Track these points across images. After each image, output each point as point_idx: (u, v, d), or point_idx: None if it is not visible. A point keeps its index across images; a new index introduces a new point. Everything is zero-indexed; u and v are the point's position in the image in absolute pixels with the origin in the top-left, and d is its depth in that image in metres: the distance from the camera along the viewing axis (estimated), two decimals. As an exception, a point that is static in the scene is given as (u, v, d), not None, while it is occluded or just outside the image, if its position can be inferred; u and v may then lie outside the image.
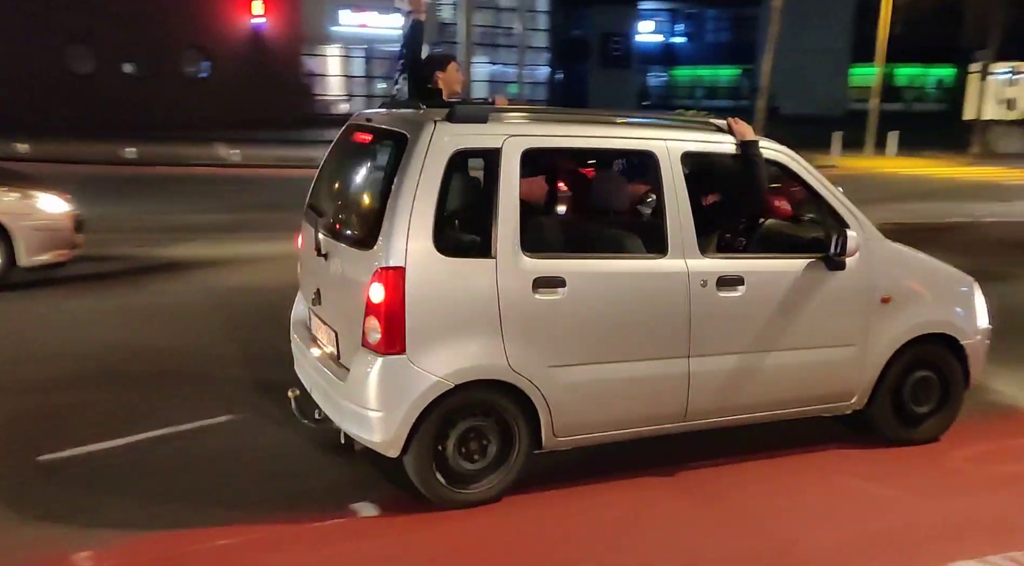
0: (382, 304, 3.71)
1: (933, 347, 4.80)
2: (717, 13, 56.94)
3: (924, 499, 4.28)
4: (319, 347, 4.40)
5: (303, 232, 4.71)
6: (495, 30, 38.12)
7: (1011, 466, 4.73)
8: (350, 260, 4.04)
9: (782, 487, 4.36)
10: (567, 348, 4.00)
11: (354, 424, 3.92)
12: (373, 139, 4.43)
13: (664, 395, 4.26)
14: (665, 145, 4.22)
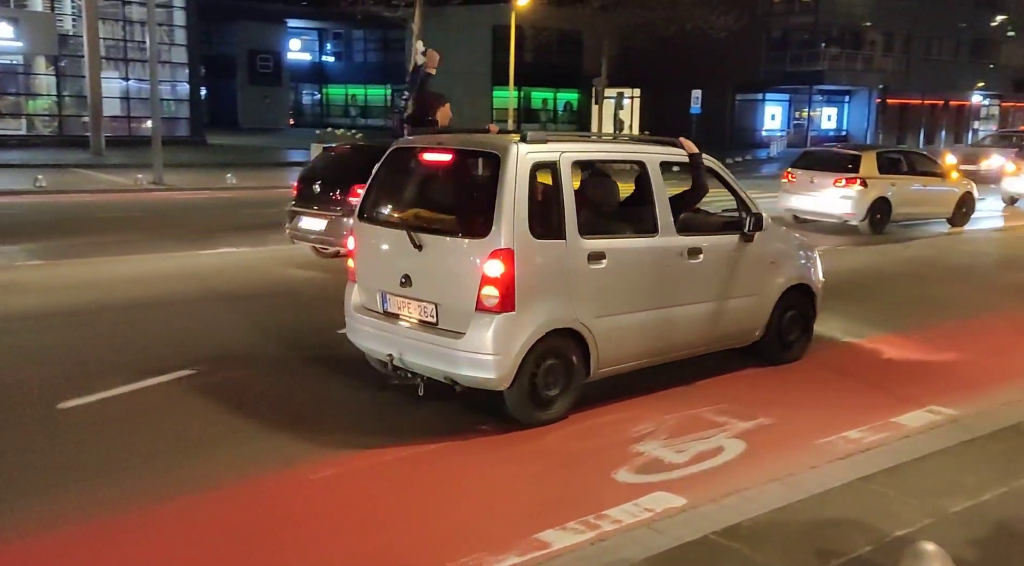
0: (499, 276, 5.18)
1: (797, 294, 7.00)
2: (365, 34, 57.90)
3: (516, 481, 4.76)
4: (405, 320, 5.68)
5: (363, 236, 6.04)
6: (126, 44, 35.48)
7: (591, 442, 5.38)
8: (456, 248, 5.48)
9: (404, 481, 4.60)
10: (606, 303, 5.68)
11: (471, 368, 5.28)
12: (456, 158, 5.84)
13: (662, 334, 6.09)
14: (650, 157, 6.13)
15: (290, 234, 11.06)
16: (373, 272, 6.02)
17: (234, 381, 6.30)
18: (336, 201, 10.39)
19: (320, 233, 10.58)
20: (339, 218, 10.13)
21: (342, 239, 9.75)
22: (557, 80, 52.68)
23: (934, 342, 8.06)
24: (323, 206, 10.54)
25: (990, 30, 53.35)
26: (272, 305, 8.80)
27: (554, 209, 5.44)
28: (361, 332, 6.00)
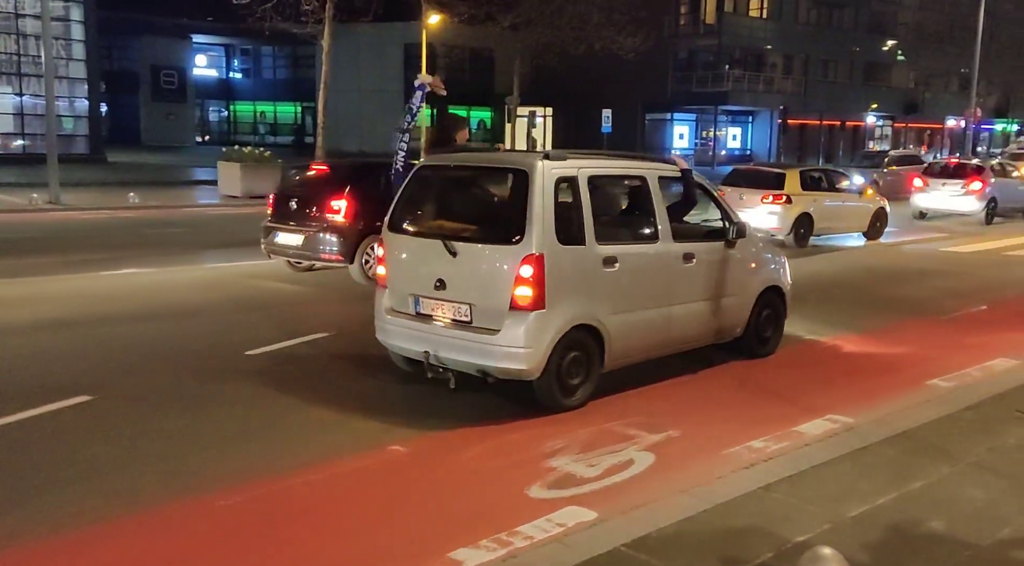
0: (531, 278, 5.86)
1: (771, 295, 7.94)
2: (273, 50, 57.05)
3: (431, 498, 4.75)
4: (439, 320, 6.28)
5: (394, 245, 6.66)
6: (20, 58, 34.10)
7: (504, 458, 5.39)
8: (490, 254, 6.14)
9: (304, 512, 4.51)
10: (618, 302, 6.45)
11: (505, 361, 5.95)
12: (485, 174, 6.73)
13: (663, 330, 6.91)
14: (651, 172, 6.98)
15: (266, 249, 11.42)
16: (404, 278, 6.60)
17: (131, 408, 6.09)
18: (313, 217, 10.94)
19: (298, 248, 11.06)
20: (316, 233, 10.77)
21: (320, 254, 10.82)
22: (470, 98, 52.87)
23: (834, 353, 8.39)
24: (299, 222, 11.05)
25: (881, 54, 56.08)
26: (178, 328, 8.56)
27: (575, 218, 6.18)
28: (393, 332, 6.61)
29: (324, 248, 10.79)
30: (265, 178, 23.56)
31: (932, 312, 10.39)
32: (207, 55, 58.51)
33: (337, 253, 10.73)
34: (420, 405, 6.31)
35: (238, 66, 61.30)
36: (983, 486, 4.80)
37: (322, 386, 6.71)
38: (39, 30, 29.85)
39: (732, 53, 48.97)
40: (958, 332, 9.42)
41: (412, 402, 6.39)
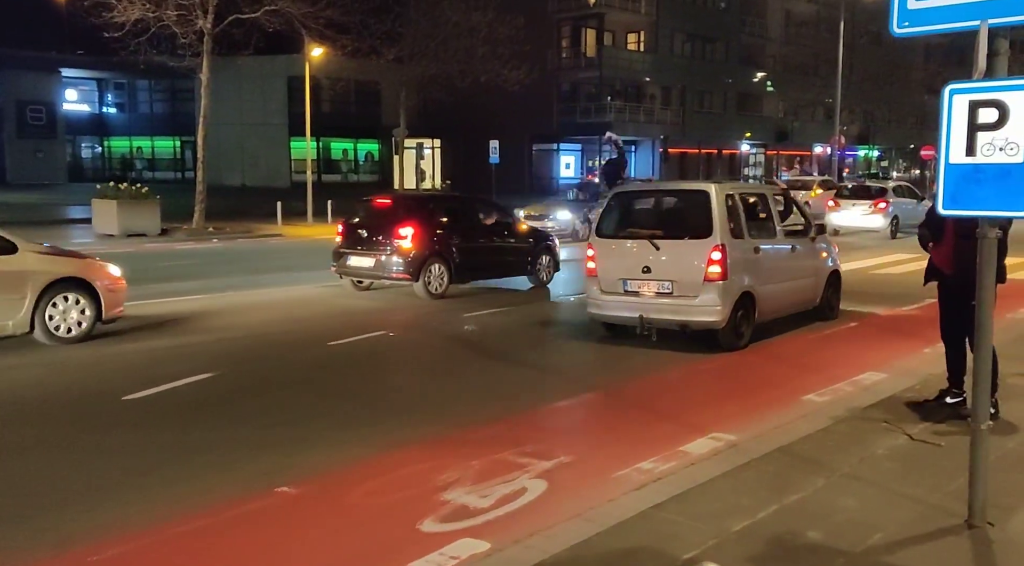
0: (719, 260, 8.97)
1: (834, 277, 11.35)
2: (150, 84, 55.30)
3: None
4: (645, 295, 9.35)
5: (602, 246, 9.77)
6: None
7: (396, 494, 5.33)
8: (687, 246, 9.24)
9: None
10: (762, 277, 9.62)
11: (702, 316, 9.11)
12: (668, 194, 10.61)
13: (785, 298, 10.20)
14: (767, 191, 10.90)
15: (337, 270, 13.48)
16: (614, 268, 9.61)
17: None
18: (381, 242, 12.90)
19: (369, 268, 13.07)
20: (385, 256, 12.81)
21: (389, 273, 12.82)
22: (356, 131, 52.66)
23: (713, 373, 8.68)
24: (369, 246, 13.03)
25: (753, 86, 58.91)
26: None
27: (736, 221, 9.37)
28: (607, 305, 9.70)
29: (393, 268, 12.79)
30: (143, 215, 22.74)
31: (804, 329, 10.89)
32: (78, 89, 56.19)
33: (404, 272, 12.75)
34: (303, 444, 6.18)
35: (112, 100, 59.08)
36: (855, 495, 5.05)
37: (203, 426, 6.49)
38: None
39: (613, 85, 50.49)
40: (829, 348, 9.91)
41: (296, 442, 6.25)
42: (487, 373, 8.55)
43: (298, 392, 7.76)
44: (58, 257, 9.67)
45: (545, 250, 14.60)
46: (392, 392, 7.80)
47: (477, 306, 12.49)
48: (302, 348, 9.65)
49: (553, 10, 49.27)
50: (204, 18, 23.23)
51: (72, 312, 9.41)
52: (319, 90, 37.16)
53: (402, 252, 12.71)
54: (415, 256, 12.71)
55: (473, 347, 9.81)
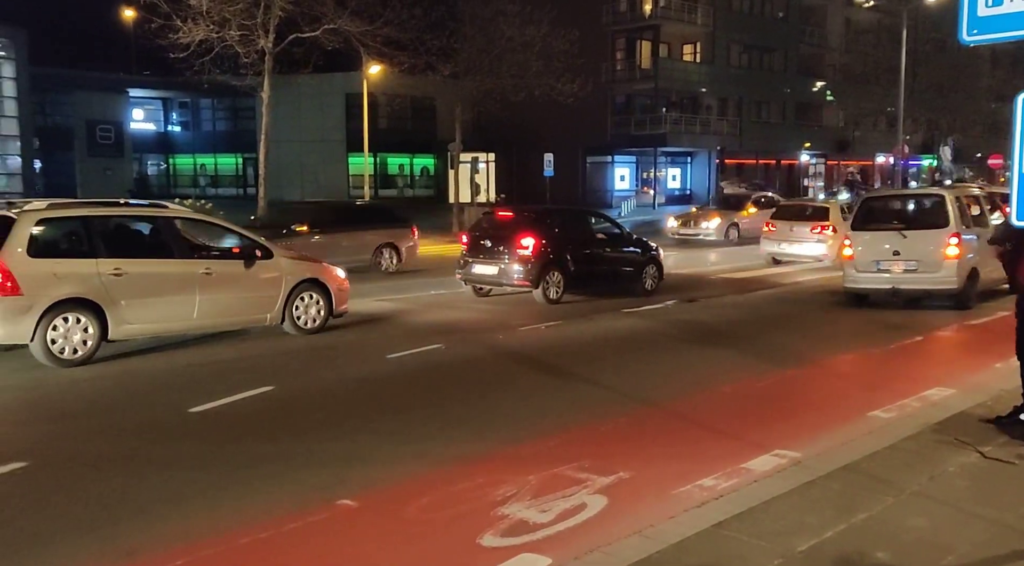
0: (958, 244, 12.55)
1: None
2: (213, 102, 56.69)
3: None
4: (894, 272, 12.94)
5: (859, 237, 13.31)
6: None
7: (454, 508, 5.34)
8: (930, 234, 12.80)
9: None
10: (977, 257, 12.64)
11: (943, 285, 12.73)
12: (911, 197, 15.38)
13: (991, 275, 12.49)
14: (949, 193, 13.56)
15: (462, 277, 14.61)
16: (868, 252, 13.13)
17: (70, 475, 5.91)
18: (504, 252, 13.94)
19: (492, 276, 14.15)
20: (508, 264, 13.80)
21: (512, 280, 13.83)
22: (413, 146, 53.17)
23: (773, 389, 8.53)
24: (493, 255, 14.09)
25: (812, 95, 57.97)
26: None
27: (965, 216, 12.89)
28: (863, 281, 13.21)
29: (515, 276, 13.75)
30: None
31: (866, 345, 10.64)
32: (144, 109, 57.86)
33: (525, 279, 13.70)
34: (361, 457, 6.22)
35: (177, 119, 60.70)
36: (926, 514, 4.90)
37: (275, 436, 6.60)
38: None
39: (668, 96, 50.15)
40: (894, 363, 9.66)
41: (354, 455, 6.30)
42: (543, 386, 8.52)
43: (355, 405, 7.84)
44: (301, 261, 11.17)
45: (651, 260, 15.49)
46: (447, 405, 7.82)
47: (581, 313, 12.66)
48: (359, 361, 9.75)
49: (607, 23, 49.19)
50: (265, 38, 23.75)
51: (312, 308, 10.93)
52: (376, 106, 37.66)
53: (523, 260, 13.71)
54: (535, 264, 13.68)
55: (527, 360, 9.79)
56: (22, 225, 8.85)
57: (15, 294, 8.65)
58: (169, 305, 9.78)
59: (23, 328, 8.73)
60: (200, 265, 10.02)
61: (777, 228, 20.45)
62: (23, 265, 8.72)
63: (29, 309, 8.71)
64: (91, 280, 9.12)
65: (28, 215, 8.99)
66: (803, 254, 20.02)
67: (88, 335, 9.12)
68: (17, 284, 8.66)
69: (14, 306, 8.66)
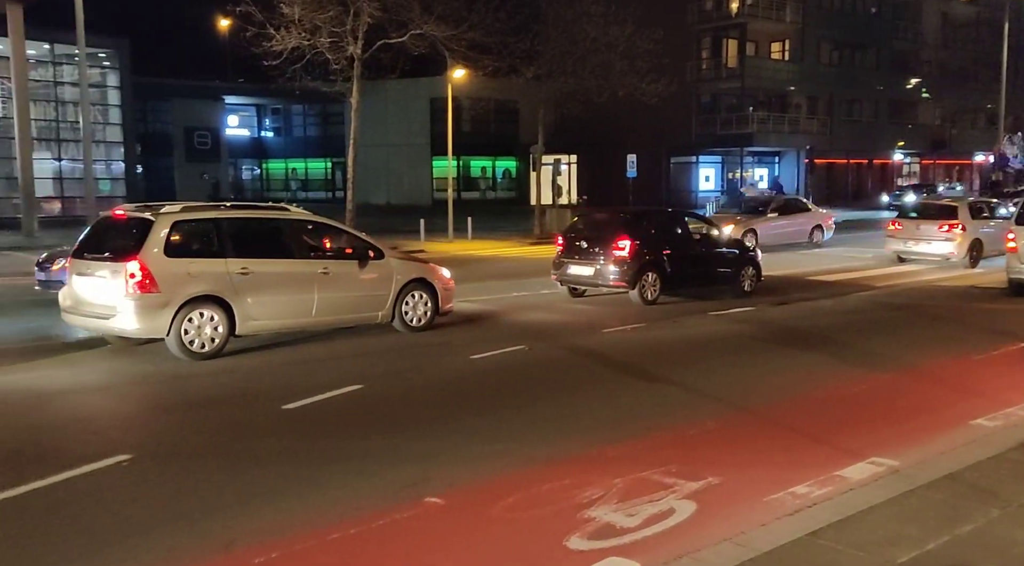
0: None
1: None
2: (304, 108, 58.23)
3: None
4: None
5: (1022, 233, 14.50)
6: (59, 124, 35.13)
7: (539, 509, 5.33)
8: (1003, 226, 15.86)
9: None
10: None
11: None
12: None
13: None
14: None
15: (557, 277, 14.72)
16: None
17: (171, 468, 6.13)
18: (600, 253, 14.00)
19: (589, 277, 14.21)
20: (604, 265, 13.85)
21: (608, 281, 13.91)
22: (495, 148, 53.51)
23: (868, 395, 8.25)
24: (589, 256, 14.15)
25: (906, 92, 55.99)
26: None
27: None
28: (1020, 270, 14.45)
29: (611, 277, 13.82)
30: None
31: (967, 351, 10.19)
32: (239, 115, 59.79)
33: (621, 280, 13.75)
34: (446, 455, 6.27)
35: (269, 125, 62.57)
36: (1037, 529, 4.66)
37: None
38: (77, 97, 30.87)
39: (755, 95, 49.14)
40: (995, 370, 9.23)
41: (439, 453, 6.36)
42: (630, 388, 8.45)
43: (441, 404, 7.91)
44: (409, 262, 11.64)
45: (748, 261, 15.34)
46: (531, 406, 7.83)
47: (671, 315, 12.67)
48: (444, 361, 9.85)
49: (693, 22, 48.51)
50: (354, 44, 24.23)
51: (420, 307, 11.31)
52: (459, 110, 37.95)
53: (619, 261, 13.77)
54: (632, 265, 13.73)
55: (612, 362, 9.72)
56: (159, 227, 9.38)
57: (154, 291, 9.17)
58: (290, 303, 10.23)
59: (160, 323, 9.26)
60: (318, 265, 10.47)
61: (903, 227, 20.50)
62: (160, 264, 9.25)
63: (165, 305, 9.24)
64: (221, 278, 9.62)
65: (164, 217, 9.51)
66: (930, 252, 19.92)
67: (217, 331, 9.59)
68: (155, 282, 9.20)
69: (152, 302, 9.20)
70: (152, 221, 9.44)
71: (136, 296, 9.15)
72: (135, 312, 9.19)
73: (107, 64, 36.85)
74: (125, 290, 9.16)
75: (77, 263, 9.95)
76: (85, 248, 10.02)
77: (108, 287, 9.36)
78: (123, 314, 9.23)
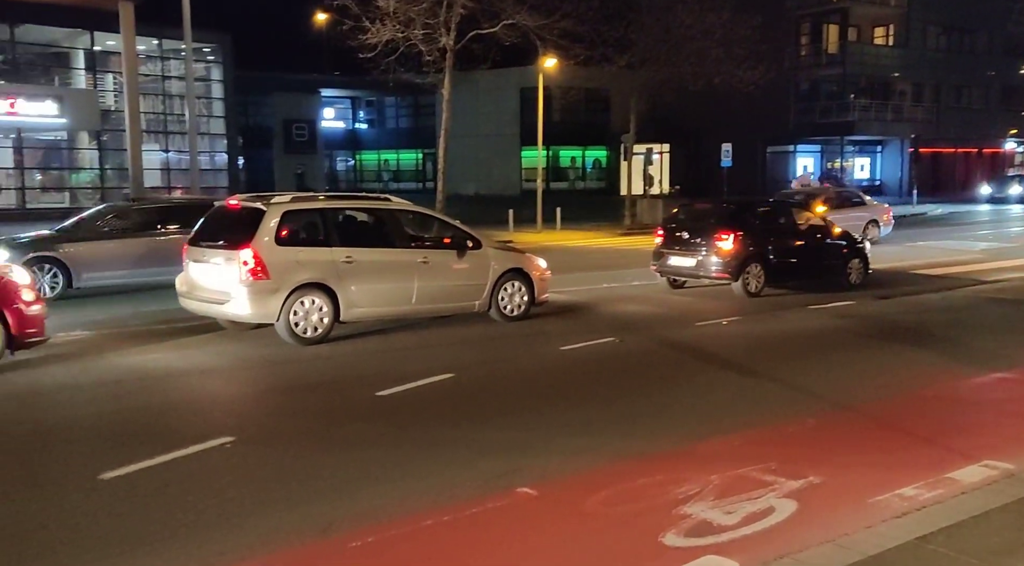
0: None
1: None
2: (396, 100, 59.14)
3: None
4: None
5: None
6: (166, 117, 36.57)
7: (634, 504, 5.25)
8: None
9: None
10: None
11: None
12: None
13: None
14: None
15: (657, 269, 14.60)
16: None
17: (271, 451, 6.29)
18: (702, 244, 13.76)
19: (690, 268, 14.01)
20: (707, 257, 13.63)
21: (710, 273, 13.68)
22: (585, 138, 53.22)
23: (980, 394, 7.84)
24: (691, 248, 13.95)
25: (1020, 78, 53.13)
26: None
27: None
28: None
29: (714, 268, 13.62)
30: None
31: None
32: (335, 107, 61.18)
33: (724, 272, 13.56)
34: (538, 446, 6.25)
35: (363, 117, 63.83)
36: None
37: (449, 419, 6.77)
38: (183, 90, 32.04)
39: (857, 82, 47.44)
40: None
41: (531, 444, 6.34)
42: (725, 383, 8.27)
43: (531, 395, 7.90)
44: (507, 252, 11.77)
45: (856, 253, 15.00)
46: (623, 398, 7.73)
47: (770, 308, 12.36)
48: (535, 352, 9.83)
49: (792, 7, 47.09)
50: (447, 35, 24.42)
51: (516, 296, 11.36)
52: (549, 99, 37.81)
53: (723, 253, 13.56)
54: (735, 257, 13.52)
55: (705, 355, 9.52)
56: (270, 216, 9.73)
57: (265, 278, 9.53)
58: (391, 291, 10.46)
59: (271, 309, 9.61)
60: (418, 254, 10.68)
61: None
62: (271, 253, 9.60)
63: (276, 292, 9.58)
64: (327, 266, 9.91)
65: (276, 207, 9.86)
66: None
67: (323, 316, 9.88)
68: (267, 269, 9.54)
69: (264, 289, 9.55)
70: (264, 211, 9.78)
71: (249, 283, 9.50)
72: (248, 298, 9.53)
73: (211, 59, 38.13)
74: (238, 277, 9.52)
75: (193, 250, 10.37)
76: (200, 236, 10.44)
77: (222, 274, 9.76)
78: (236, 300, 9.59)
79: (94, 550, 4.56)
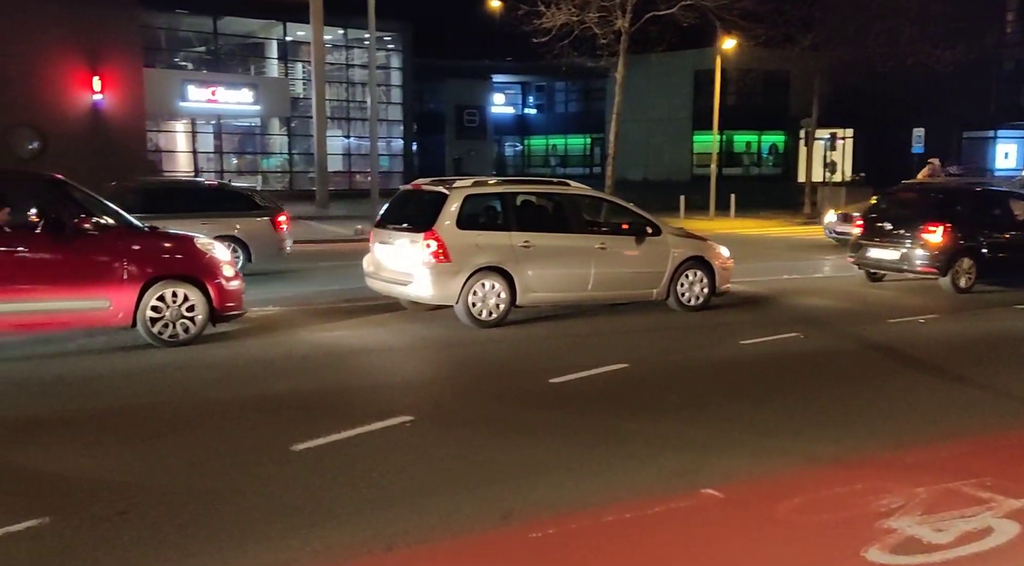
0: None
1: None
2: (566, 85, 59.15)
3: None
4: None
5: None
6: (348, 104, 38.18)
7: (832, 513, 4.89)
8: None
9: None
10: None
11: None
12: None
13: None
14: None
15: (856, 261, 14.02)
16: None
17: (448, 433, 6.34)
18: (907, 235, 13.12)
19: (893, 261, 13.38)
20: (912, 249, 12.97)
21: (915, 267, 13.05)
22: (761, 122, 51.22)
23: None
24: (893, 239, 13.35)
25: None
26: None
27: None
28: None
29: (919, 262, 12.96)
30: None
31: None
32: (504, 93, 61.99)
33: (931, 266, 12.87)
34: (721, 445, 5.96)
35: (532, 102, 64.31)
36: None
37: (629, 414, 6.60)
38: (364, 78, 33.31)
39: (1072, 61, 43.02)
40: None
41: (713, 442, 6.05)
42: (928, 387, 7.63)
43: (710, 390, 7.59)
44: (687, 239, 11.40)
45: None
46: (810, 399, 7.28)
47: (976, 306, 11.73)
48: (711, 344, 9.47)
49: (998, -20, 43.33)
50: (623, 18, 24.08)
51: (696, 286, 11.08)
52: (725, 82, 36.58)
53: (931, 246, 12.87)
54: (944, 250, 12.80)
55: (901, 356, 8.84)
56: (453, 201, 9.92)
57: (446, 261, 9.75)
58: (568, 277, 10.44)
59: (451, 291, 9.83)
60: (596, 240, 10.58)
61: None
62: (452, 236, 9.81)
63: (456, 274, 9.79)
64: (505, 251, 10.02)
65: (458, 191, 10.06)
66: None
67: (500, 300, 10.01)
68: (448, 253, 9.76)
69: (445, 272, 9.77)
70: (446, 195, 9.95)
71: (431, 265, 9.72)
72: (430, 280, 9.76)
73: (391, 47, 39.50)
74: (422, 259, 9.76)
75: (379, 232, 10.74)
76: (386, 219, 10.79)
77: (406, 256, 10.03)
78: (419, 281, 9.83)
79: (286, 519, 4.71)
